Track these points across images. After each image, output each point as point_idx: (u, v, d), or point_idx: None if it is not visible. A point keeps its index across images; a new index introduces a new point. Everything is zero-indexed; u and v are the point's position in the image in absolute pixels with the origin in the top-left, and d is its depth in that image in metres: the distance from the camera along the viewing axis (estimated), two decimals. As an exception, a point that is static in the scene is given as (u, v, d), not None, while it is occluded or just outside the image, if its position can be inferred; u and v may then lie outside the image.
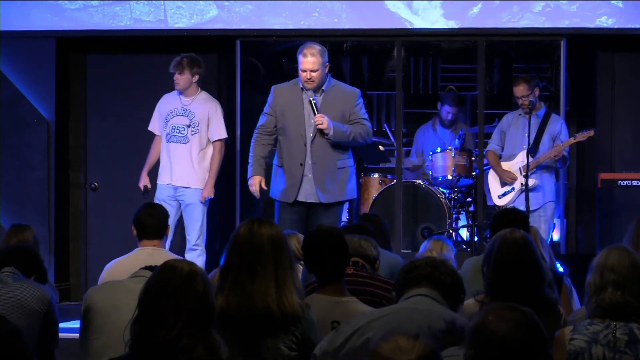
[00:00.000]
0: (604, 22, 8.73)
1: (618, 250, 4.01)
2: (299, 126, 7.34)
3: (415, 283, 3.65)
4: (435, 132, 9.79)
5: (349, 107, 7.38)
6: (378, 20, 8.93)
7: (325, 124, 7.22)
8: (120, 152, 9.36)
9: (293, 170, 7.33)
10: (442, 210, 8.92)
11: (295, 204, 7.36)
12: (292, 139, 7.35)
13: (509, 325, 2.63)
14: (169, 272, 3.26)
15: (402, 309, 3.40)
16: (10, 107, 9.23)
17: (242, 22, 8.98)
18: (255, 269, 3.88)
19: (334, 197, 7.36)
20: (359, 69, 10.91)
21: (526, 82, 8.51)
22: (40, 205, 8.75)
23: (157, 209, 5.54)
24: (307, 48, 7.32)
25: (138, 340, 3.20)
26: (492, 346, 2.62)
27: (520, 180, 8.44)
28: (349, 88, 7.64)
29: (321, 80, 7.34)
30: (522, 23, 8.81)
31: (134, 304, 3.27)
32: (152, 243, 5.43)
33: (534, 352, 2.63)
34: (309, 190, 7.34)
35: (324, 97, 7.37)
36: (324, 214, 7.32)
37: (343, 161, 7.41)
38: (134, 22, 9.04)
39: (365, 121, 7.42)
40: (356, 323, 3.47)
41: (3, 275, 4.85)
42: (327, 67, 7.37)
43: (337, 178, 7.36)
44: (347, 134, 7.29)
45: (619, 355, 3.82)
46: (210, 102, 8.32)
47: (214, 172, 8.19)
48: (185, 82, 8.25)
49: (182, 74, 8.22)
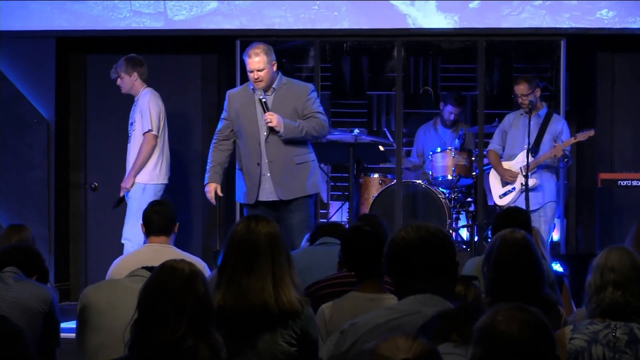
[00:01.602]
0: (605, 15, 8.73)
1: (618, 250, 4.01)
2: (253, 127, 7.34)
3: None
4: (436, 132, 9.79)
5: (301, 102, 7.36)
6: (378, 17, 8.94)
7: (275, 121, 7.21)
8: (120, 152, 9.35)
9: (251, 171, 7.34)
10: (442, 210, 8.92)
11: (257, 204, 7.35)
12: (248, 140, 7.35)
13: (518, 325, 2.63)
14: (168, 274, 3.26)
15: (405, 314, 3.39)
16: (10, 107, 9.23)
17: (241, 15, 8.98)
18: (251, 266, 3.89)
19: (294, 193, 7.32)
20: (359, 69, 10.91)
21: (527, 82, 8.52)
22: (40, 205, 8.76)
23: (164, 206, 5.62)
24: (252, 49, 7.32)
25: (138, 341, 3.20)
26: (501, 346, 2.62)
27: (521, 180, 8.44)
28: (301, 84, 7.63)
29: (269, 78, 7.32)
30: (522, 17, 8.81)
31: (132, 303, 3.27)
32: (159, 239, 5.51)
33: (542, 352, 2.64)
34: (268, 189, 7.33)
35: (275, 96, 7.36)
36: (287, 211, 7.30)
37: (301, 157, 7.38)
38: (134, 14, 9.04)
39: (320, 115, 7.37)
40: (360, 328, 3.47)
41: (4, 275, 4.85)
42: (274, 65, 7.34)
43: (296, 174, 7.33)
44: (300, 129, 7.26)
45: (619, 355, 3.82)
46: (145, 96, 8.40)
47: (137, 165, 8.27)
48: (127, 84, 8.39)
49: (121, 78, 8.37)
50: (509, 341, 2.62)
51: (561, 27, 8.83)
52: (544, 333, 2.65)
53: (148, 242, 5.54)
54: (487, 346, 2.64)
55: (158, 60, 9.33)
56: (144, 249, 5.51)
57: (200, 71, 9.40)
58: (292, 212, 7.30)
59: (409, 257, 3.41)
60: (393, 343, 2.55)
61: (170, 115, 9.42)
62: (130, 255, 5.57)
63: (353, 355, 3.41)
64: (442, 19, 8.92)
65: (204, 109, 9.39)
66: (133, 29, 9.07)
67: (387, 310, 3.48)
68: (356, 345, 3.41)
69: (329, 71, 10.66)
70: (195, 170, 9.35)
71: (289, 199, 7.31)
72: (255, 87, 7.33)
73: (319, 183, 7.51)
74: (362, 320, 3.47)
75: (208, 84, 9.39)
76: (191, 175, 9.37)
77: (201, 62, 9.40)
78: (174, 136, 9.44)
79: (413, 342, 2.55)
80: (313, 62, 9.42)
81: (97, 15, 9.05)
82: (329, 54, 10.59)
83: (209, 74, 9.39)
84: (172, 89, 9.33)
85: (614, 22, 8.76)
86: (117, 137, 9.33)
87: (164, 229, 5.51)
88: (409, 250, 3.41)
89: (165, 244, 5.49)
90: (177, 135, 9.41)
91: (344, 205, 9.68)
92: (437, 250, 3.42)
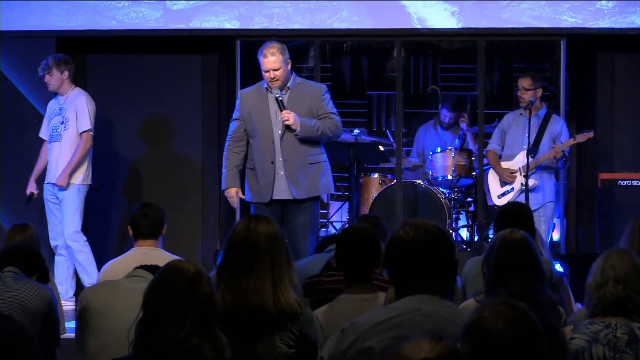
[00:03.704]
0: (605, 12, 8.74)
1: (619, 251, 4.05)
2: (267, 126, 7.32)
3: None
4: (436, 132, 9.79)
5: (316, 102, 7.35)
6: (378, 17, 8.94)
7: (292, 119, 7.20)
8: (120, 152, 9.36)
9: (265, 169, 7.31)
10: (442, 210, 8.92)
11: (271, 203, 7.34)
12: (262, 139, 7.33)
13: (505, 322, 2.63)
14: (174, 273, 3.27)
15: (404, 312, 3.39)
16: (10, 107, 9.24)
17: (240, 5, 8.97)
18: (251, 266, 3.89)
19: (307, 192, 7.30)
20: (359, 69, 10.91)
21: (532, 78, 8.55)
22: (40, 205, 8.74)
23: (153, 210, 5.52)
24: (266, 48, 7.31)
25: (143, 340, 3.21)
26: (488, 343, 2.63)
27: (520, 180, 8.45)
28: (315, 84, 7.64)
29: (285, 77, 7.31)
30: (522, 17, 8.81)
31: (131, 303, 3.28)
32: (147, 243, 5.43)
33: (530, 348, 2.64)
34: (282, 187, 7.31)
35: (289, 95, 7.35)
36: (297, 211, 7.28)
37: (314, 157, 7.37)
38: (132, 4, 9.02)
39: (334, 115, 7.37)
40: (360, 326, 3.46)
41: (4, 275, 4.85)
42: (289, 64, 7.34)
43: (308, 173, 7.32)
44: (315, 128, 7.26)
45: (619, 354, 3.83)
46: (79, 96, 8.43)
47: (72, 163, 8.28)
48: (56, 82, 8.41)
49: (51, 74, 8.39)
50: (495, 337, 2.62)
51: (561, 27, 8.83)
52: (531, 329, 2.65)
53: (135, 245, 5.45)
54: (474, 342, 2.64)
55: (158, 60, 9.33)
56: (133, 253, 5.44)
57: (200, 71, 9.40)
58: (300, 213, 7.28)
59: (407, 255, 3.40)
60: (416, 344, 2.56)
61: (170, 115, 9.44)
62: (120, 259, 5.52)
63: (353, 353, 3.41)
64: (442, 18, 8.91)
65: (204, 109, 9.38)
66: (133, 29, 9.07)
67: (386, 309, 3.47)
68: (356, 343, 3.41)
69: (329, 71, 10.66)
70: (195, 170, 9.35)
71: (302, 198, 7.30)
72: (270, 87, 7.32)
73: (330, 184, 7.51)
74: (362, 319, 3.47)
75: (208, 84, 9.38)
76: (191, 174, 9.37)
77: (201, 62, 9.39)
78: (173, 136, 9.46)
79: (436, 343, 2.55)
80: (313, 62, 9.42)
81: (97, 15, 9.04)
82: (329, 54, 10.59)
83: (209, 74, 9.38)
84: (172, 89, 9.33)
85: (614, 22, 8.76)
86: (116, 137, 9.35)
87: (151, 233, 5.43)
88: (408, 249, 3.40)
89: (152, 247, 5.42)
90: (176, 134, 9.42)
91: (344, 205, 9.68)
92: (436, 248, 3.41)
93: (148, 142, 9.40)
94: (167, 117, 9.39)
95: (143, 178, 9.44)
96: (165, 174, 9.36)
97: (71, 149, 8.34)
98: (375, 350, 3.35)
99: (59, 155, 8.36)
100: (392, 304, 3.61)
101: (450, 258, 3.45)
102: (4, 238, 6.45)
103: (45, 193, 8.47)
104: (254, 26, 8.99)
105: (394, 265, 3.46)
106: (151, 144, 9.42)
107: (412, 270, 3.41)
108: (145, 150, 9.43)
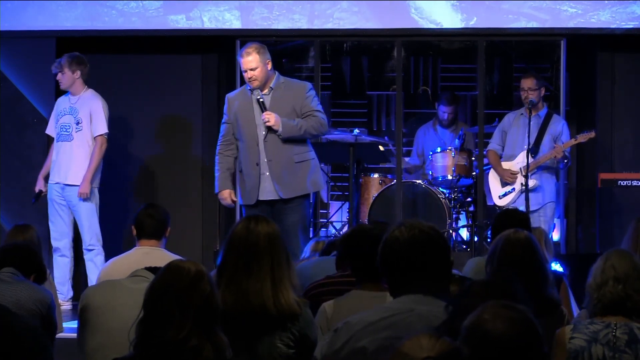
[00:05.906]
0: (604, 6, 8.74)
1: (619, 252, 4.06)
2: (251, 128, 7.32)
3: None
4: (436, 132, 9.79)
5: (300, 101, 7.34)
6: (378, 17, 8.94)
7: (273, 120, 7.20)
8: (120, 152, 9.35)
9: (251, 171, 7.32)
10: (442, 210, 8.92)
11: (257, 204, 7.34)
12: (247, 141, 7.33)
13: (504, 324, 2.63)
14: (174, 273, 3.27)
15: (398, 312, 3.39)
16: (10, 107, 9.23)
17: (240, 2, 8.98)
18: (251, 267, 3.89)
19: (294, 191, 7.30)
20: (359, 69, 10.91)
21: (535, 78, 8.55)
22: (40, 205, 8.74)
23: (158, 210, 5.53)
24: (244, 49, 7.31)
25: (143, 340, 3.21)
26: (488, 345, 2.62)
27: (521, 180, 8.45)
28: (299, 82, 7.62)
29: (264, 77, 7.29)
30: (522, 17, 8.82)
31: (132, 303, 3.28)
32: (150, 243, 5.42)
33: (529, 350, 2.64)
34: (268, 188, 7.31)
35: (272, 95, 7.34)
36: (285, 211, 7.28)
37: (301, 155, 7.36)
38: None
39: (318, 113, 7.35)
40: (353, 326, 3.46)
41: (3, 275, 4.85)
42: (269, 64, 7.31)
43: (295, 172, 7.32)
44: (298, 127, 7.24)
45: (618, 354, 3.83)
46: (94, 98, 8.43)
47: (91, 168, 8.30)
48: (67, 81, 8.41)
49: (63, 73, 8.40)
50: (495, 339, 2.61)
51: (561, 27, 8.83)
52: (531, 330, 2.65)
53: (138, 245, 5.45)
54: (474, 344, 2.64)
55: (158, 60, 9.33)
56: (134, 252, 5.44)
57: (200, 71, 9.40)
58: (289, 213, 7.29)
59: (402, 256, 3.40)
60: (416, 341, 2.55)
61: (170, 115, 9.44)
62: (120, 258, 5.51)
63: (346, 353, 3.41)
64: (443, 18, 8.91)
65: (203, 109, 9.38)
66: (133, 28, 9.07)
67: (380, 309, 3.47)
68: (349, 343, 3.40)
69: (329, 71, 10.66)
70: (195, 170, 9.35)
71: (289, 197, 7.30)
72: (251, 87, 7.33)
73: (319, 181, 7.49)
74: (355, 318, 3.47)
75: (208, 84, 9.38)
76: (191, 174, 9.37)
77: (201, 62, 9.39)
78: (173, 136, 9.45)
79: (436, 341, 2.55)
80: (313, 62, 9.42)
81: (97, 15, 9.04)
82: (329, 54, 10.59)
83: (209, 74, 9.39)
84: (172, 89, 9.34)
85: (614, 22, 8.76)
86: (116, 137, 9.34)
87: (155, 233, 5.43)
88: (402, 250, 3.40)
89: (155, 247, 5.41)
90: (176, 135, 9.42)
91: (344, 205, 9.68)
92: (431, 249, 3.41)
93: (148, 142, 9.40)
94: (167, 117, 9.39)
95: (143, 178, 9.44)
96: (165, 174, 9.36)
97: (84, 151, 8.31)
98: (368, 350, 3.35)
99: (71, 157, 8.33)
100: (386, 304, 3.61)
101: (445, 259, 3.45)
102: (4, 238, 6.44)
103: (51, 192, 8.44)
104: (254, 26, 8.99)
105: (388, 265, 3.46)
106: (151, 144, 9.42)
107: (406, 271, 3.41)
108: (145, 150, 9.43)
